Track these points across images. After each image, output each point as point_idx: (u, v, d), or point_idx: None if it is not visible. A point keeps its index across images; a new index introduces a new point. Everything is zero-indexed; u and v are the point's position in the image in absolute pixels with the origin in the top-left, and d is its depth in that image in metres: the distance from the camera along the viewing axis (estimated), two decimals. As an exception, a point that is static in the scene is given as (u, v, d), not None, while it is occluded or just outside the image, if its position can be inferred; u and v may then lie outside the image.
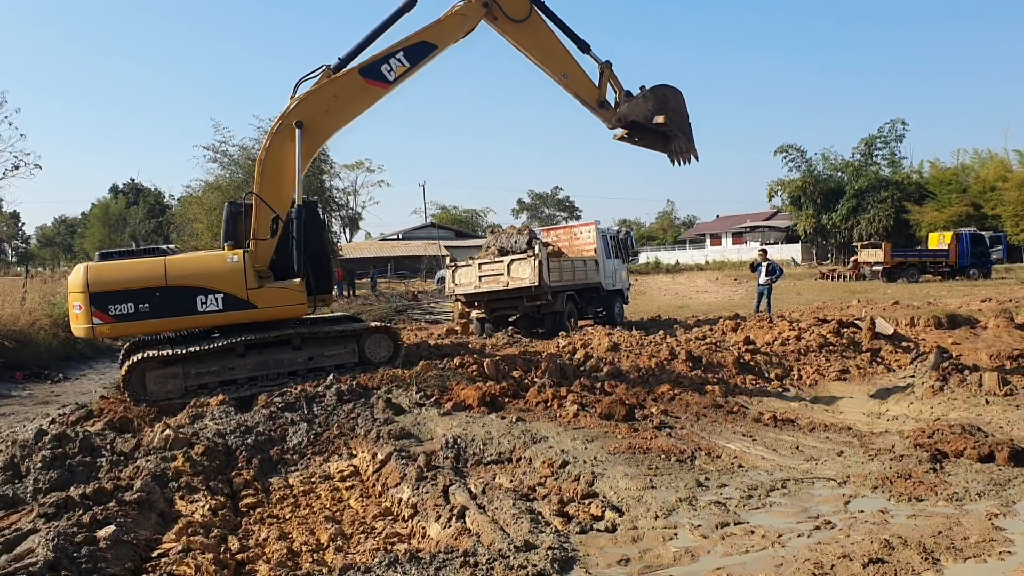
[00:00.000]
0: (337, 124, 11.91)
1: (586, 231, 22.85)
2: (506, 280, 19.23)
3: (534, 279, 18.73)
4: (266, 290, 11.86)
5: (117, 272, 11.59)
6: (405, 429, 9.55)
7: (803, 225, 71.55)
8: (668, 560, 5.49)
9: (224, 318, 11.85)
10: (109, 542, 6.02)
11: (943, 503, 6.43)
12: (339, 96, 11.71)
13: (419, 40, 11.47)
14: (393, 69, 11.47)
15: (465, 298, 20.57)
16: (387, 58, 11.52)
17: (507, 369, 12.43)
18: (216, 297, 11.67)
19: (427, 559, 5.48)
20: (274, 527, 6.99)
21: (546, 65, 12.46)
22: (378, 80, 11.53)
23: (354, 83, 11.67)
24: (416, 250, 71.85)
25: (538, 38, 12.39)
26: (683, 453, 8.43)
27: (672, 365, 12.92)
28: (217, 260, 11.97)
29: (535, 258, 18.91)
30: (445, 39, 11.65)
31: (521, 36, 12.28)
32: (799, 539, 5.71)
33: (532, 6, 12.14)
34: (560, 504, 6.84)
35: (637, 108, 13.17)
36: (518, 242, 20.27)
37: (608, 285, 22.44)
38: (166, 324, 11.88)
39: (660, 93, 13.39)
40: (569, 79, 12.60)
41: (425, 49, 11.45)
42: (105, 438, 9.22)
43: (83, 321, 11.38)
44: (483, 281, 19.70)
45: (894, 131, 68.63)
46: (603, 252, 22.41)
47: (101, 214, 78.37)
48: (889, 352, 14.21)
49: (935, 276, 42.58)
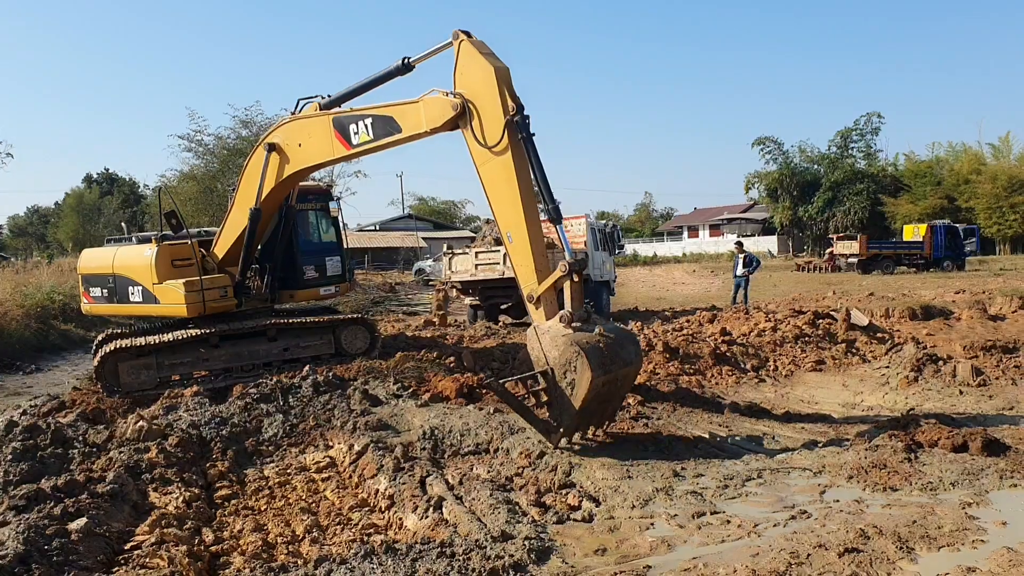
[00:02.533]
0: (306, 161, 11.11)
1: (576, 224, 23.08)
2: (501, 269, 19.62)
3: None
4: (166, 286, 11.99)
5: (92, 259, 13.09)
6: (382, 420, 9.51)
7: (779, 217, 71.99)
8: (645, 550, 5.49)
9: (141, 309, 12.44)
10: (81, 534, 5.95)
11: (917, 493, 6.47)
12: (312, 135, 10.84)
13: (387, 114, 9.75)
14: (359, 132, 10.06)
15: (461, 285, 21.01)
16: (357, 119, 10.09)
17: (485, 360, 12.41)
18: (137, 288, 12.26)
19: (404, 550, 5.45)
20: (249, 519, 6.93)
21: (497, 208, 8.65)
22: (343, 138, 10.28)
23: (325, 130, 10.59)
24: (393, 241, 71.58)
25: (505, 175, 8.47)
26: (659, 443, 8.44)
27: (649, 356, 12.93)
28: (138, 253, 12.44)
29: None
30: (407, 125, 9.52)
31: (488, 166, 8.61)
32: (775, 529, 5.73)
33: (511, 139, 8.29)
34: (537, 494, 6.83)
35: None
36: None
37: (596, 276, 22.67)
38: (116, 309, 12.95)
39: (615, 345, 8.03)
40: (513, 243, 8.60)
41: (391, 126, 9.69)
42: (77, 429, 9.11)
43: (81, 299, 13.50)
44: (479, 269, 20.28)
45: (870, 124, 69.20)
46: (592, 244, 22.72)
47: (75, 204, 77.44)
48: (864, 343, 14.30)
49: (910, 268, 42.94)
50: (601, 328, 7.85)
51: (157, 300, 12.05)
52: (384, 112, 9.63)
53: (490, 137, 8.37)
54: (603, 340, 7.68)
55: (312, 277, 13.28)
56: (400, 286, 41.68)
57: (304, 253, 13.21)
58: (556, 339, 7.75)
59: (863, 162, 70.08)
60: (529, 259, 8.38)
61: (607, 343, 7.69)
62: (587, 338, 7.63)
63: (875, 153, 70.60)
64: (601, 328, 7.85)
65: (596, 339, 7.64)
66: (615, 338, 7.93)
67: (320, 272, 13.43)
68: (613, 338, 7.87)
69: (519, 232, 8.37)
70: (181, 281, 11.86)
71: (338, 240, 13.94)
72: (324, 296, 13.68)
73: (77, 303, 23.28)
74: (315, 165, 11.33)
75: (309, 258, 13.28)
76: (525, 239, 8.33)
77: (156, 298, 12.04)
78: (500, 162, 8.33)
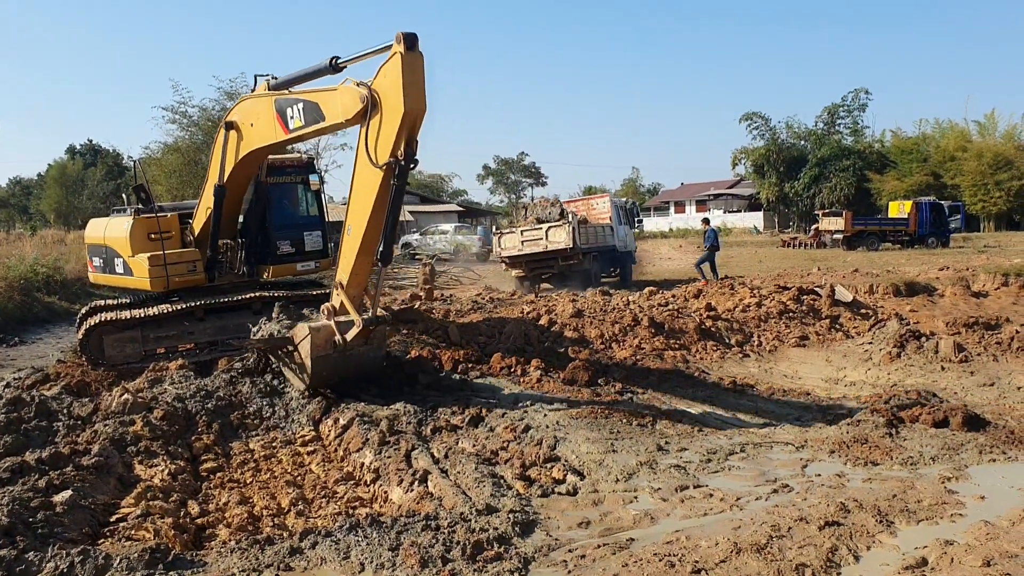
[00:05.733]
0: (257, 142, 10.73)
1: (601, 202, 26.93)
2: (544, 243, 23.22)
3: (569, 242, 22.76)
4: (137, 259, 11.98)
5: (92, 228, 13.21)
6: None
7: (766, 193, 71.98)
8: (628, 523, 5.53)
9: (122, 281, 12.50)
10: (66, 507, 5.95)
11: (898, 467, 6.55)
12: (260, 116, 10.50)
13: (314, 100, 9.36)
14: (293, 117, 9.68)
15: (509, 259, 24.42)
16: (293, 103, 9.69)
17: (471, 334, 12.43)
18: (119, 260, 12.29)
19: (389, 523, 5.48)
20: (235, 491, 6.95)
21: (353, 202, 8.92)
22: (282, 121, 9.91)
23: (269, 112, 10.20)
24: (380, 215, 71.31)
25: (372, 186, 8.58)
26: (644, 417, 8.50)
27: (635, 331, 12.99)
28: (119, 225, 12.41)
29: (569, 224, 22.96)
30: (329, 113, 9.11)
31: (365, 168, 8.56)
32: (757, 502, 5.79)
33: (385, 176, 8.34)
34: (522, 468, 6.87)
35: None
36: (551, 213, 24.45)
37: (621, 248, 26.21)
38: (109, 280, 12.87)
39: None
40: (349, 236, 9.05)
41: (317, 114, 9.29)
42: (62, 402, 9.08)
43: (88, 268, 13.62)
44: (525, 245, 23.66)
45: (857, 100, 69.09)
46: (616, 219, 25.99)
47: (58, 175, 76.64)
48: (848, 319, 14.40)
49: (894, 244, 43.10)
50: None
51: (132, 273, 12.06)
52: (312, 98, 9.31)
53: (379, 153, 8.31)
54: (342, 328, 9.09)
55: (287, 252, 12.94)
56: (386, 260, 41.56)
57: (278, 228, 12.86)
58: (309, 324, 9.43)
59: (850, 138, 70.04)
60: (351, 257, 9.00)
61: (343, 330, 9.06)
62: (325, 327, 9.16)
63: (862, 129, 70.56)
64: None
65: (330, 330, 9.14)
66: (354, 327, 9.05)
67: (297, 247, 13.06)
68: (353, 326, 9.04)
69: (356, 232, 8.89)
70: (147, 255, 11.78)
71: (320, 215, 13.46)
72: (302, 272, 13.27)
73: (61, 275, 23.24)
74: (265, 147, 10.81)
75: (284, 233, 12.92)
76: (358, 240, 8.86)
77: (131, 270, 12.05)
78: (375, 174, 8.41)
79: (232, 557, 5.06)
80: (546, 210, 24.95)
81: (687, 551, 4.88)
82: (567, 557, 4.96)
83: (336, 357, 9.25)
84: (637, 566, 4.75)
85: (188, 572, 4.90)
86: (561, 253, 23.21)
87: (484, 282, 26.32)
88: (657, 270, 29.02)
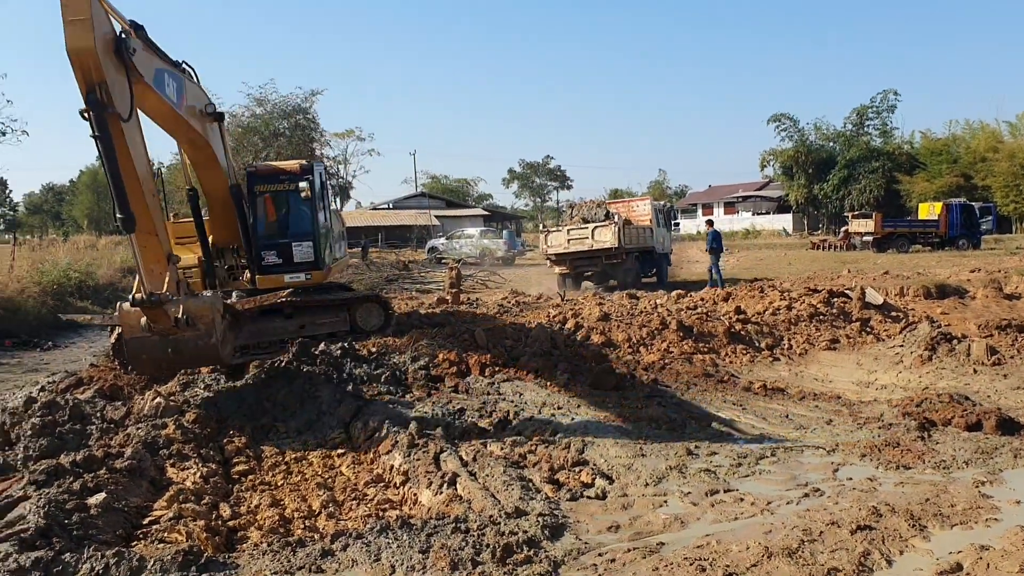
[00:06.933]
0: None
1: (641, 204, 27.91)
2: (590, 243, 24.28)
3: (614, 241, 23.81)
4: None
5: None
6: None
7: (795, 195, 71.49)
8: (658, 527, 5.52)
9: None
10: (100, 509, 6.02)
11: (931, 471, 6.49)
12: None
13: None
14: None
15: (555, 257, 25.54)
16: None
17: (498, 338, 12.44)
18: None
19: (419, 525, 5.51)
20: (266, 494, 7.01)
21: (138, 166, 8.06)
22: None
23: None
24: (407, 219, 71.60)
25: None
26: (673, 421, 8.48)
27: (663, 335, 12.94)
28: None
29: (615, 225, 24.08)
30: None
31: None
32: (788, 506, 5.75)
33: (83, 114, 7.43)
34: (550, 471, 6.87)
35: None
36: (597, 213, 25.72)
37: (659, 249, 27.11)
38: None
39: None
40: (157, 201, 8.57)
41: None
42: (95, 406, 9.20)
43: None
44: (571, 244, 24.74)
45: (886, 101, 68.50)
46: (655, 222, 26.78)
47: (90, 181, 77.68)
48: (879, 322, 14.26)
49: (925, 246, 42.64)
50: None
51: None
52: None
53: (123, 108, 7.60)
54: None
55: (273, 263, 12.33)
56: (413, 264, 41.72)
57: (262, 238, 12.31)
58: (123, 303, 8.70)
59: (879, 140, 69.45)
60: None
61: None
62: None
63: (891, 131, 69.93)
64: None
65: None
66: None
67: (285, 258, 12.38)
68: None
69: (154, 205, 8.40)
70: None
71: (311, 224, 12.59)
72: (290, 283, 12.33)
73: (93, 280, 23.52)
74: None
75: (268, 243, 12.33)
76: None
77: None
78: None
79: (264, 559, 5.10)
80: (592, 211, 26.20)
81: (718, 555, 4.86)
82: (597, 561, 4.96)
83: (155, 340, 8.62)
84: (668, 570, 4.73)
85: (221, 574, 4.95)
86: (606, 252, 24.28)
87: (510, 286, 26.33)
88: (686, 272, 28.92)
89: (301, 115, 43.97)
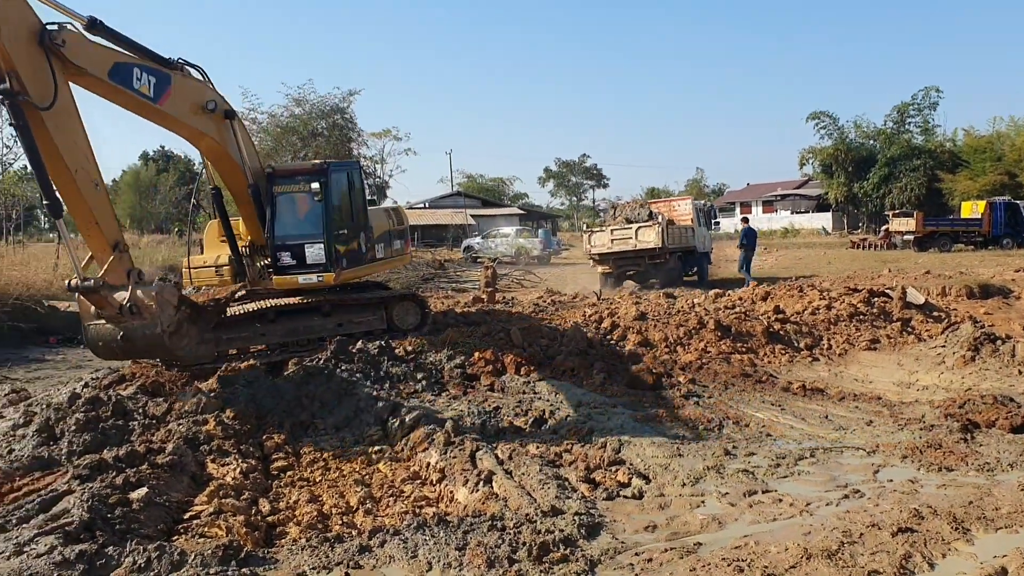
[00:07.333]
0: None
1: (683, 204, 28.09)
2: (633, 242, 24.52)
3: (658, 241, 24.07)
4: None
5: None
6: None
7: (834, 193, 70.55)
8: (695, 527, 5.50)
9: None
10: (142, 504, 6.12)
11: (974, 473, 6.39)
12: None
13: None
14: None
15: (598, 256, 25.83)
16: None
17: (533, 337, 12.44)
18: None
19: (455, 522, 5.53)
20: (304, 490, 7.08)
21: (68, 158, 8.18)
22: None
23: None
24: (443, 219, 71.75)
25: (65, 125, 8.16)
26: (711, 422, 8.43)
27: (700, 334, 12.86)
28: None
29: (659, 225, 24.28)
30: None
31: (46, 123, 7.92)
32: (827, 508, 5.70)
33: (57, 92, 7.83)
34: (586, 471, 6.87)
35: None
36: (640, 213, 25.71)
37: (700, 249, 27.18)
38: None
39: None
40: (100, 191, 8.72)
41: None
42: (137, 402, 9.34)
43: None
44: (614, 243, 25.02)
45: (928, 98, 67.29)
46: (697, 221, 26.87)
47: (132, 181, 78.72)
48: (920, 322, 14.06)
49: (967, 245, 41.89)
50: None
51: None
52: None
53: (43, 96, 7.78)
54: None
55: (288, 264, 12.07)
56: (449, 263, 41.82)
57: (277, 239, 12.06)
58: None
59: (920, 137, 68.32)
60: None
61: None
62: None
63: (933, 128, 68.71)
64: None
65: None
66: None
67: (299, 259, 12.06)
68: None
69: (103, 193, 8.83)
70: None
71: (324, 225, 12.09)
72: (303, 285, 12.10)
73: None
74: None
75: (283, 244, 12.06)
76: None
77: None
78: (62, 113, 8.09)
79: (303, 555, 5.16)
80: (635, 211, 26.28)
81: (756, 556, 4.83)
82: (633, 560, 4.95)
83: (109, 327, 8.91)
84: (705, 571, 4.71)
85: (260, 569, 5.01)
86: (649, 252, 24.54)
87: (545, 285, 26.30)
88: (725, 271, 28.72)
89: (339, 115, 44.17)
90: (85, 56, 8.39)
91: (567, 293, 21.97)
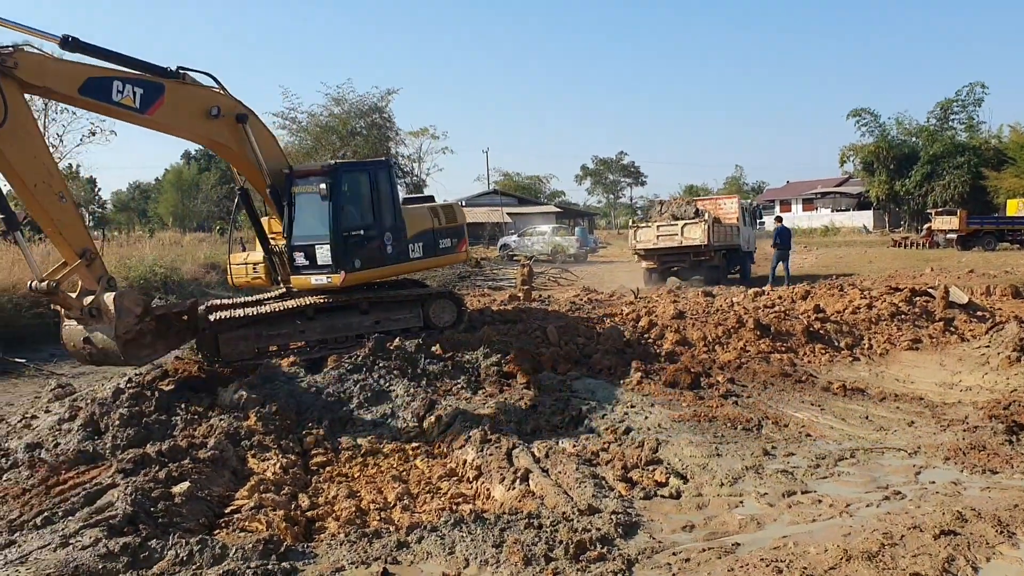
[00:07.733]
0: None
1: (729, 202, 28.06)
2: (679, 239, 24.69)
3: (704, 239, 24.22)
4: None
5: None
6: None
7: (875, 191, 69.61)
8: (733, 527, 5.47)
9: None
10: (184, 498, 6.23)
11: (1019, 476, 6.28)
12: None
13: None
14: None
15: (644, 252, 26.00)
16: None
17: (569, 335, 12.43)
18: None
19: (492, 520, 5.55)
20: (343, 485, 7.15)
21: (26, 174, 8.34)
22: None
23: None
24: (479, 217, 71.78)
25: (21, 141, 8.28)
26: (749, 422, 8.37)
27: (739, 333, 12.77)
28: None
29: (705, 223, 24.39)
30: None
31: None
32: (868, 509, 5.64)
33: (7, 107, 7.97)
34: (623, 470, 6.86)
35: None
36: (686, 211, 25.97)
37: (744, 247, 27.56)
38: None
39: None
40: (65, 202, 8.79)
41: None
42: (180, 397, 9.49)
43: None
44: (660, 240, 25.25)
45: (972, 95, 66.12)
46: (742, 221, 27.23)
47: (174, 180, 79.94)
48: (963, 321, 13.84)
49: (1013, 244, 41.08)
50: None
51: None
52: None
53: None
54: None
55: (302, 264, 12.14)
56: (485, 261, 41.92)
57: (292, 239, 12.18)
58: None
59: (964, 134, 67.16)
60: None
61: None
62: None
63: (977, 125, 67.49)
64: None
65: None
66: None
67: (311, 260, 12.09)
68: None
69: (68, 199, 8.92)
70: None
71: (331, 226, 11.92)
72: (316, 286, 12.11)
73: (178, 276, 24.20)
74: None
75: (297, 244, 12.13)
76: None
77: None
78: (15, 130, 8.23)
79: (341, 549, 5.21)
80: (681, 208, 26.54)
81: (795, 557, 4.79)
82: (671, 560, 4.94)
83: (79, 330, 9.26)
84: (743, 571, 4.69)
85: (300, 563, 5.07)
86: (695, 249, 24.77)
87: (582, 283, 26.26)
88: (765, 269, 28.49)
89: (377, 114, 44.47)
90: (47, 75, 8.61)
91: (604, 291, 21.93)
